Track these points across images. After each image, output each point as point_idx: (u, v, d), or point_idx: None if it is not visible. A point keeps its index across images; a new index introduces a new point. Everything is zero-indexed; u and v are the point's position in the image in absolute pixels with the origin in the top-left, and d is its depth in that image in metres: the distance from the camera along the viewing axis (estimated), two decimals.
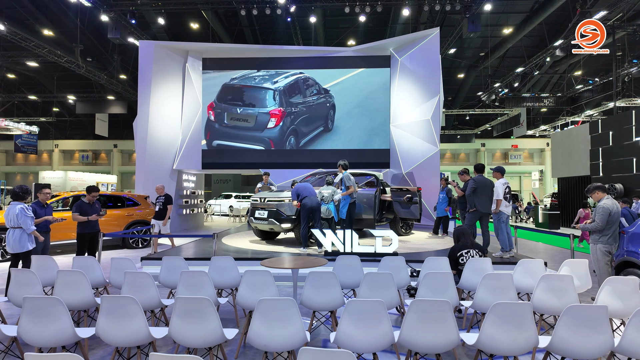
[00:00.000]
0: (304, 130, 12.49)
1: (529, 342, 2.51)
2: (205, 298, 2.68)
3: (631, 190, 11.54)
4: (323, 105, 12.59)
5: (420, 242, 8.40)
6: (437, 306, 2.53)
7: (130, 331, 2.72)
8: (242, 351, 3.54)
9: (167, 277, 4.30)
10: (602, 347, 2.46)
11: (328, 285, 3.45)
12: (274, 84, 12.53)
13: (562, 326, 2.46)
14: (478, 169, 6.63)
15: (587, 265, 4.12)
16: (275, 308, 2.61)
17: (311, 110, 12.57)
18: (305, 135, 12.53)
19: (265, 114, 12.39)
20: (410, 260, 5.82)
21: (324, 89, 12.62)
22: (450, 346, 2.56)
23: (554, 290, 3.29)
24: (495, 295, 3.34)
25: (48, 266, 4.41)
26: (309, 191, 7.03)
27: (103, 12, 14.01)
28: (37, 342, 2.79)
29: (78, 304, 3.66)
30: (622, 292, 3.18)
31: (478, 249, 4.40)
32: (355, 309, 2.58)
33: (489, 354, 2.60)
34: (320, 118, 12.57)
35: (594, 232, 4.93)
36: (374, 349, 2.61)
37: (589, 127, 14.25)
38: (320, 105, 12.59)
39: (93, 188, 6.18)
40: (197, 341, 2.71)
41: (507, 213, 6.39)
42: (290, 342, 2.61)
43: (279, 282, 5.72)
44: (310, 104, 12.56)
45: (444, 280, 3.44)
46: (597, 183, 5.10)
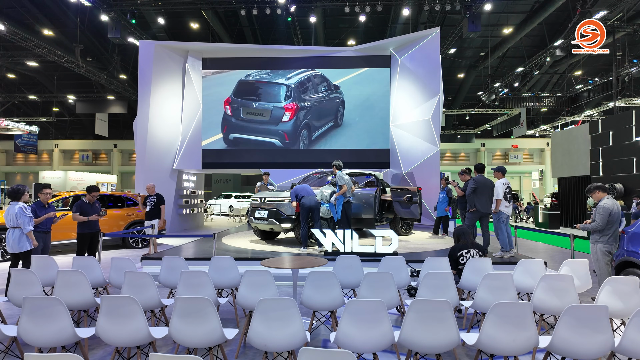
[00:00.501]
0: (316, 125, 12.73)
1: (530, 342, 2.51)
2: (205, 298, 2.68)
3: (631, 190, 11.54)
4: (333, 101, 12.81)
5: (421, 242, 8.40)
6: (438, 306, 2.52)
7: (130, 331, 2.72)
8: (242, 351, 3.53)
9: (167, 277, 4.30)
10: (602, 347, 2.46)
11: (328, 285, 3.45)
12: (288, 79, 12.73)
13: (562, 326, 2.46)
14: (478, 168, 6.63)
15: (587, 265, 4.12)
16: (275, 308, 2.61)
17: (323, 105, 12.77)
18: (317, 129, 12.74)
19: (279, 108, 12.55)
20: (411, 260, 5.82)
21: (334, 85, 12.79)
22: (450, 346, 2.56)
23: (554, 290, 3.29)
24: (495, 295, 3.34)
25: (48, 266, 4.41)
26: (307, 191, 7.05)
27: (103, 12, 14.00)
28: (37, 342, 2.79)
29: (78, 304, 3.66)
30: (623, 292, 3.18)
31: (478, 249, 4.40)
32: (356, 309, 2.58)
33: (489, 354, 2.60)
34: (331, 113, 12.79)
35: (594, 232, 4.93)
36: (374, 349, 2.60)
37: (589, 127, 14.25)
38: (330, 101, 12.80)
39: (93, 188, 6.18)
40: (197, 341, 2.70)
41: (507, 213, 6.39)
42: (290, 342, 2.61)
43: (279, 282, 5.72)
44: (322, 100, 12.78)
45: (444, 280, 3.44)
46: (598, 183, 5.09)
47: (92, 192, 6.08)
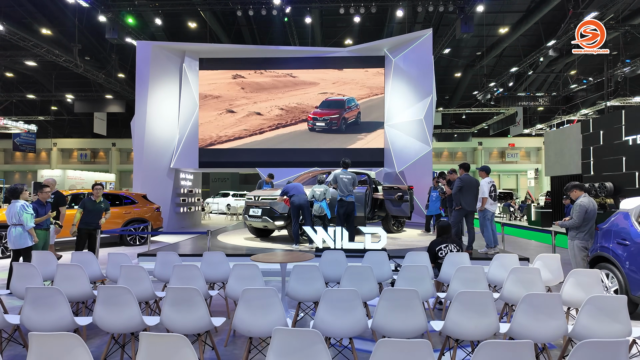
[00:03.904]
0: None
1: (490, 328, 2.73)
2: (194, 288, 2.90)
3: (621, 189, 11.76)
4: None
5: (411, 239, 8.62)
6: (407, 294, 2.75)
7: (125, 319, 2.94)
8: (232, 340, 3.76)
9: (162, 271, 4.52)
10: (556, 332, 2.68)
11: (312, 278, 3.67)
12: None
13: (520, 313, 2.69)
14: (464, 167, 6.83)
15: (559, 259, 4.35)
16: (258, 297, 2.83)
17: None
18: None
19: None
20: (398, 256, 6.01)
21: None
22: (418, 332, 2.78)
23: (522, 281, 3.51)
24: (467, 286, 3.56)
25: (48, 261, 4.63)
26: (297, 190, 7.27)
27: (101, 13, 14.16)
28: (38, 329, 3.00)
29: (76, 296, 3.88)
30: (585, 283, 3.41)
31: (456, 244, 4.63)
32: (332, 298, 2.80)
33: (454, 338, 2.83)
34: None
35: (571, 229, 5.16)
36: (349, 334, 2.83)
37: (581, 127, 14.45)
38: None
39: (94, 185, 6.49)
40: (187, 327, 2.92)
41: (492, 210, 6.61)
42: (272, 328, 2.81)
43: (270, 277, 5.95)
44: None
45: (419, 273, 3.66)
46: (575, 182, 5.33)
47: (95, 186, 6.36)
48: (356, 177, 7.38)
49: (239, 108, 13.29)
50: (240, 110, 13.29)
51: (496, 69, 23.16)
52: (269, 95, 13.26)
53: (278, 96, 13.25)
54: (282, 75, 13.30)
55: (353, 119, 13.00)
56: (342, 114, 12.95)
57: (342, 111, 12.95)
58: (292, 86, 13.27)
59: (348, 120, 13.00)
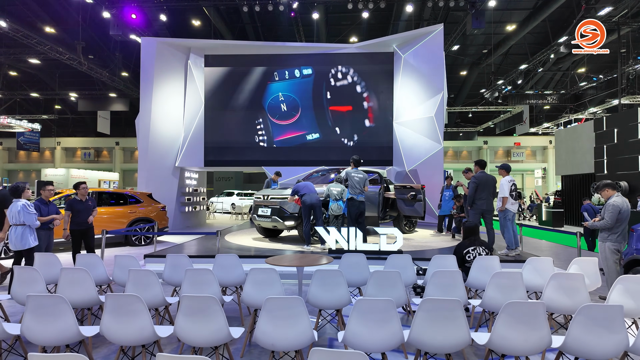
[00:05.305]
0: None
1: (542, 342, 2.46)
2: (211, 296, 2.64)
3: (636, 188, 11.45)
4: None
5: (424, 240, 8.35)
6: (448, 305, 2.48)
7: (135, 330, 2.68)
8: (248, 350, 3.50)
9: (172, 275, 4.26)
10: (616, 347, 2.41)
11: (335, 284, 3.41)
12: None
13: (576, 326, 2.41)
14: (480, 164, 6.54)
15: (596, 263, 4.06)
16: (282, 307, 2.56)
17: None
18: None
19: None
20: (415, 258, 5.75)
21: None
22: (461, 346, 2.51)
23: (565, 289, 3.24)
24: (505, 294, 3.29)
25: (51, 263, 4.38)
26: (308, 188, 6.98)
27: (105, 9, 13.94)
28: (40, 341, 2.75)
29: (82, 302, 3.62)
30: (634, 290, 3.12)
31: (485, 247, 4.35)
32: (365, 308, 2.53)
33: (500, 354, 2.56)
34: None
35: (602, 230, 4.87)
36: (384, 349, 2.56)
37: (594, 125, 14.14)
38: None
39: (80, 183, 6.00)
40: (203, 340, 2.66)
41: (513, 211, 6.32)
42: (297, 342, 2.57)
43: (282, 280, 5.68)
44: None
45: (452, 279, 3.39)
46: (607, 180, 5.02)
47: (80, 186, 5.90)
48: (367, 176, 7.10)
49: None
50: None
51: (502, 67, 22.81)
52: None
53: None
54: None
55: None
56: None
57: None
58: None
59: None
